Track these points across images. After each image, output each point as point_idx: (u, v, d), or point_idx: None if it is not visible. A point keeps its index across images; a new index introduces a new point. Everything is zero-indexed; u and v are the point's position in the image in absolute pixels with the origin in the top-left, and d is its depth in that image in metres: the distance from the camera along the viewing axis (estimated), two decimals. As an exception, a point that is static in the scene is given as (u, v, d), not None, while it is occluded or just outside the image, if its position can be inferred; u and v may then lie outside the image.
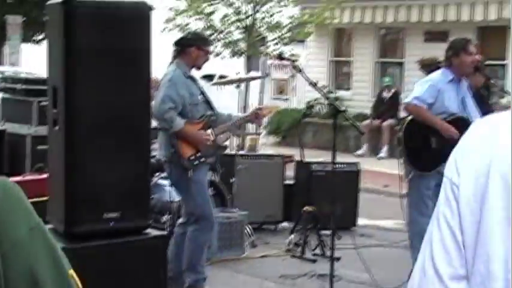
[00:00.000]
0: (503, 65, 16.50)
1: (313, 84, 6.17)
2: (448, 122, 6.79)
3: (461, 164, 1.69)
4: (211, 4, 16.88)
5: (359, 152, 17.21)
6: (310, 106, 19.85)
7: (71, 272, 1.71)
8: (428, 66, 17.50)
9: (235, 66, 20.93)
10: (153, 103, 6.04)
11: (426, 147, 6.84)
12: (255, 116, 6.67)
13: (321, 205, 8.83)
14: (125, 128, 4.83)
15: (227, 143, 7.31)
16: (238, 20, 16.82)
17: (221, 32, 16.96)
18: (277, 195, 9.45)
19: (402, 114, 17.00)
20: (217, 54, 17.03)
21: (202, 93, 6.50)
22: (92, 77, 4.72)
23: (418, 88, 6.95)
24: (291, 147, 16.43)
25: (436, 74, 6.98)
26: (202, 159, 6.34)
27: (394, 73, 18.54)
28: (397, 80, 18.25)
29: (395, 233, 9.53)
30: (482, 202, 1.62)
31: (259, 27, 17.18)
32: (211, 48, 6.73)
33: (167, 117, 6.15)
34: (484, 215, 1.62)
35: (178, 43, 6.49)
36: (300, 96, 20.61)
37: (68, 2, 4.66)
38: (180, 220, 6.69)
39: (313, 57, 19.71)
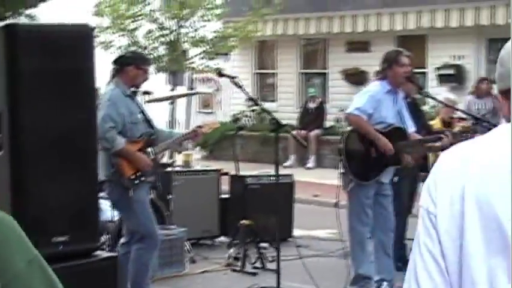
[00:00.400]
0: (423, 73, 16.91)
1: (252, 100, 6.24)
2: (386, 132, 6.97)
3: (436, 194, 1.76)
4: (135, 20, 16.83)
5: (287, 163, 17.36)
6: (236, 119, 19.96)
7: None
8: (352, 76, 17.90)
9: (158, 82, 20.91)
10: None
11: (366, 157, 7.00)
12: (195, 134, 6.71)
13: (257, 218, 8.92)
14: (71, 149, 4.81)
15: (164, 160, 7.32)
16: (162, 36, 16.81)
17: (145, 48, 16.91)
18: (213, 209, 9.48)
19: (328, 123, 17.30)
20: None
21: (142, 111, 6.50)
22: (36, 99, 4.68)
23: (358, 99, 7.12)
24: (219, 160, 16.48)
25: (374, 85, 7.18)
26: (143, 178, 6.33)
27: (318, 83, 18.80)
28: (321, 90, 18.51)
29: (329, 242, 9.66)
30: (460, 227, 1.69)
31: (184, 42, 17.22)
32: (150, 67, 6.73)
33: (108, 136, 6.13)
34: (465, 239, 1.68)
35: (116, 62, 6.47)
36: (226, 110, 20.70)
37: (9, 26, 4.62)
38: (122, 240, 6.66)
39: (238, 70, 19.77)
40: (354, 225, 7.14)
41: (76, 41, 4.79)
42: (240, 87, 5.97)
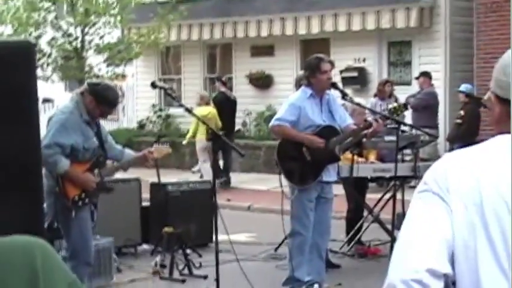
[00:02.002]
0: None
1: (187, 110, 6.30)
2: (317, 133, 7.15)
3: (451, 186, 1.88)
4: (38, 28, 16.58)
5: (195, 168, 17.41)
6: (142, 125, 19.91)
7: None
8: (257, 80, 18.12)
9: (57, 89, 20.64)
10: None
11: (302, 162, 7.16)
12: (145, 159, 6.74)
13: (178, 225, 8.99)
14: (15, 170, 4.75)
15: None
16: (68, 43, 16.63)
17: (49, 55, 16.69)
18: (135, 218, 9.50)
19: (235, 127, 17.43)
20: (47, 78, 16.78)
21: (97, 134, 6.43)
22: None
23: (279, 110, 7.32)
24: (131, 167, 16.38)
25: (297, 93, 7.37)
26: (86, 201, 6.32)
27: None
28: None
29: (249, 246, 9.81)
30: (474, 235, 1.82)
31: (88, 49, 17.07)
32: (111, 111, 6.58)
33: (51, 161, 6.04)
34: (479, 253, 1.81)
35: (88, 84, 6.43)
36: (131, 116, 20.60)
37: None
38: (62, 254, 6.62)
39: (142, 77, 19.77)
40: (296, 229, 7.26)
41: (17, 57, 4.74)
42: (173, 98, 6.04)
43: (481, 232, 1.81)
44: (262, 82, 18.05)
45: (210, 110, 14.68)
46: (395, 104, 7.81)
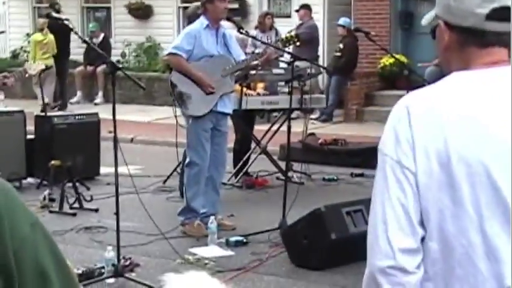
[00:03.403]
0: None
1: (86, 42, 6.17)
2: (210, 62, 7.17)
3: (414, 148, 1.78)
4: None
5: (73, 99, 17.12)
6: (15, 55, 19.30)
7: (67, 261, 1.85)
8: (136, 10, 17.83)
9: None
10: None
11: (196, 91, 7.16)
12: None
13: (65, 158, 8.88)
14: None
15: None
16: None
17: None
18: (19, 151, 9.29)
19: (114, 58, 17.16)
20: None
21: None
22: None
23: (176, 39, 7.29)
24: (13, 99, 15.94)
25: (194, 24, 7.33)
26: None
27: (101, 18, 18.54)
28: (106, 25, 18.28)
29: (137, 178, 9.78)
30: (440, 182, 1.75)
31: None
32: None
33: None
34: (454, 194, 1.75)
35: None
36: (3, 45, 19.92)
37: None
38: None
39: (15, 4, 19.09)
40: (192, 159, 7.28)
41: None
42: (71, 29, 5.90)
43: (448, 192, 1.77)
44: (141, 12, 17.76)
45: (47, 36, 15.51)
46: (287, 35, 7.80)
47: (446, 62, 1.94)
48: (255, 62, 7.45)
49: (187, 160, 7.37)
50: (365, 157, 10.43)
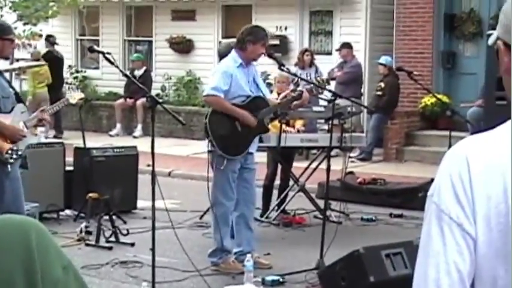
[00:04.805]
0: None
1: (126, 76, 6.20)
2: (246, 104, 7.13)
3: (472, 208, 1.63)
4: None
5: (113, 131, 17.22)
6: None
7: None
8: (177, 45, 17.94)
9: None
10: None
11: (233, 132, 7.13)
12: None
13: (102, 190, 8.88)
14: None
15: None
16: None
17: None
18: (58, 182, 9.32)
19: (154, 92, 17.30)
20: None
21: (10, 84, 6.30)
22: None
23: (212, 78, 7.21)
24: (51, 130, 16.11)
25: (227, 60, 7.27)
26: (20, 153, 6.18)
27: (143, 51, 18.67)
28: (147, 58, 18.40)
29: (174, 213, 9.74)
30: (505, 260, 1.61)
31: (3, 6, 16.56)
32: (13, 35, 6.45)
33: None
34: None
35: None
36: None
37: None
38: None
39: (59, 37, 19.27)
40: (219, 200, 7.23)
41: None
42: (112, 63, 5.90)
43: (503, 262, 1.63)
44: (182, 47, 17.85)
45: (42, 67, 16.11)
46: (319, 79, 7.99)
47: (507, 86, 1.75)
48: (294, 103, 7.49)
49: (214, 200, 7.28)
50: (404, 198, 10.30)
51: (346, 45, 14.79)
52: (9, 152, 6.13)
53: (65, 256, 1.81)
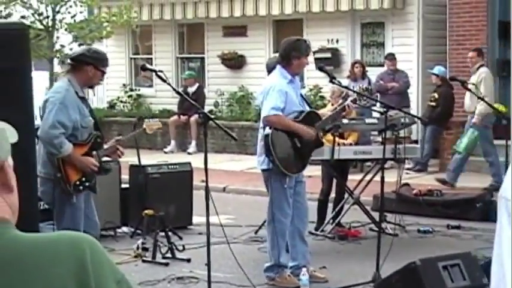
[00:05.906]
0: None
1: (178, 93, 6.29)
2: (302, 120, 7.14)
3: None
4: (7, 7, 16.32)
5: (167, 148, 17.35)
6: (112, 105, 19.75)
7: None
8: (229, 61, 18.03)
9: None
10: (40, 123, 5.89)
11: (293, 149, 7.14)
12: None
13: (158, 207, 8.95)
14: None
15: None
16: (39, 22, 16.39)
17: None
18: (114, 200, 9.42)
19: (207, 108, 17.41)
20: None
21: (92, 113, 6.37)
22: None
23: (270, 98, 7.06)
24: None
25: (277, 78, 7.19)
26: (87, 184, 6.23)
27: (195, 68, 18.83)
28: (199, 74, 18.54)
29: (229, 228, 9.76)
30: None
31: (59, 28, 16.85)
32: (106, 68, 6.49)
33: (56, 142, 5.95)
34: None
35: (74, 59, 6.24)
36: (101, 96, 20.42)
37: None
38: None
39: (113, 56, 19.53)
40: (277, 217, 7.19)
41: (10, 40, 4.66)
42: (164, 81, 5.96)
43: None
44: (234, 62, 17.95)
45: None
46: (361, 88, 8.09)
47: None
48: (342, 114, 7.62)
49: (272, 217, 7.26)
50: (461, 208, 10.18)
51: (392, 56, 14.88)
52: (77, 183, 6.18)
53: (119, 270, 1.83)
